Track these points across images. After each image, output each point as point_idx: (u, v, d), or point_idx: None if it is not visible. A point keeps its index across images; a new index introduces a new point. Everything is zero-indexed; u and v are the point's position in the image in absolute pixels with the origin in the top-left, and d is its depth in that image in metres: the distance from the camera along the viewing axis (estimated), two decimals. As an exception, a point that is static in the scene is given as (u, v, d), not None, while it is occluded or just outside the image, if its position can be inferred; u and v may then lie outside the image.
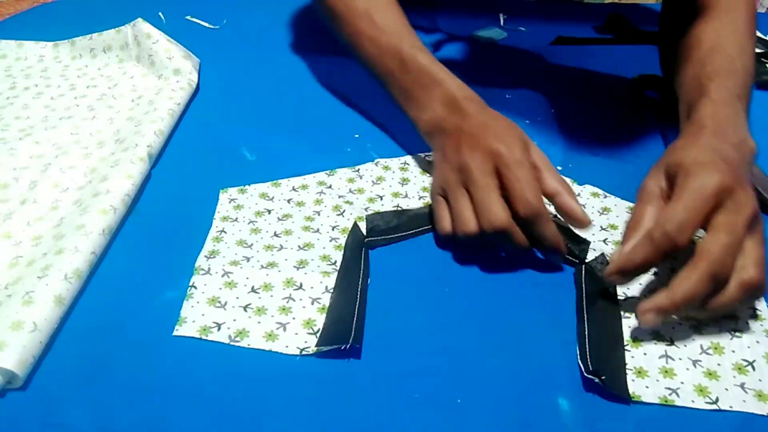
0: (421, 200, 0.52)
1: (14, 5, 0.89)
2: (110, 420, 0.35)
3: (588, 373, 0.37)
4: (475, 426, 0.35)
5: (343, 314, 0.41)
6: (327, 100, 0.66)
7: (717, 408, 0.36)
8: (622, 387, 0.37)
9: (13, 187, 0.51)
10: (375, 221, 0.49)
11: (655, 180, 0.43)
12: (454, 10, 0.87)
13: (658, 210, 0.42)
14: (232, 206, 0.51)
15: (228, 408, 0.36)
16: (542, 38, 0.77)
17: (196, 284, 0.43)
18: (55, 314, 0.39)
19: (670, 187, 0.42)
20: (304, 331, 0.40)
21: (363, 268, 0.44)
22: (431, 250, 0.47)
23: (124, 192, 0.49)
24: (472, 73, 0.71)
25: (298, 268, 0.45)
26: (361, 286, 0.43)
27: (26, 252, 0.44)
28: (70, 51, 0.72)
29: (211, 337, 0.40)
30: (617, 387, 0.37)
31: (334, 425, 0.35)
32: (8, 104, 0.63)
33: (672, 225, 0.38)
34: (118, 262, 0.45)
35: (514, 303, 0.43)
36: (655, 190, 0.42)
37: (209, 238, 0.47)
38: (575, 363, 0.39)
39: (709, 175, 0.39)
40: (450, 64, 0.73)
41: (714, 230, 0.38)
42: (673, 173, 0.41)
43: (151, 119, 0.58)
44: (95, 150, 0.56)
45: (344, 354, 0.39)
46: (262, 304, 0.42)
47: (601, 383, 0.36)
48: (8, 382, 0.36)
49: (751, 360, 0.39)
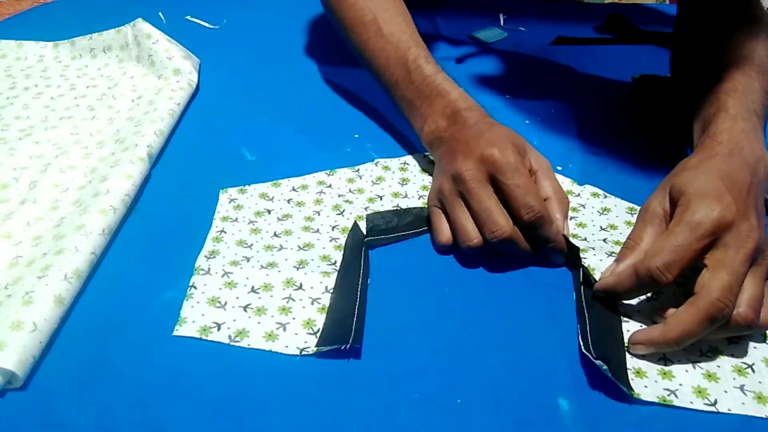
0: (420, 200, 0.52)
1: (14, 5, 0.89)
2: (110, 420, 0.35)
3: (596, 359, 0.37)
4: (475, 426, 0.35)
5: (343, 314, 0.41)
6: (327, 100, 0.66)
7: (716, 410, 0.36)
8: (625, 380, 0.37)
9: (13, 187, 0.51)
10: (375, 220, 0.49)
11: (658, 200, 0.42)
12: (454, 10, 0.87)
13: (657, 232, 0.41)
14: (232, 206, 0.51)
15: (227, 408, 0.36)
16: (542, 38, 0.77)
17: (196, 284, 0.43)
18: (55, 314, 0.39)
19: (673, 209, 0.41)
20: (304, 331, 0.40)
21: (363, 268, 0.44)
22: (431, 250, 0.47)
23: (124, 192, 0.49)
24: (472, 73, 0.72)
25: (298, 269, 0.45)
26: (361, 286, 0.43)
27: (26, 252, 0.44)
28: (70, 51, 0.72)
29: (211, 337, 0.40)
30: (621, 378, 0.37)
31: (334, 425, 0.35)
32: (8, 104, 0.63)
33: (658, 263, 0.38)
34: (118, 262, 0.45)
35: (514, 303, 0.43)
36: (658, 211, 0.42)
37: (209, 238, 0.47)
38: (575, 363, 0.38)
39: (708, 209, 0.38)
40: (450, 64, 0.73)
41: (714, 268, 0.37)
42: (676, 198, 0.41)
43: (151, 119, 0.58)
44: (95, 150, 0.56)
45: (344, 354, 0.39)
46: (262, 304, 0.42)
47: (607, 371, 0.36)
48: (8, 382, 0.36)
49: (750, 363, 0.39)
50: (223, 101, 0.66)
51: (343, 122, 0.62)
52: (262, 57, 0.75)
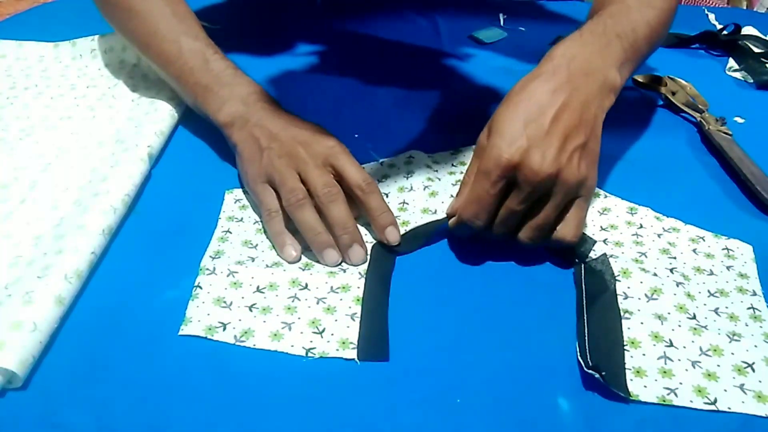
0: (426, 190, 0.52)
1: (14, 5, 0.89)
2: (110, 420, 0.35)
3: (588, 369, 0.37)
4: (475, 426, 0.35)
5: (376, 328, 0.41)
6: (326, 101, 0.66)
7: (715, 409, 0.36)
8: (621, 384, 0.37)
9: (13, 187, 0.51)
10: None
11: (484, 133, 0.45)
12: (454, 10, 0.86)
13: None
14: (237, 206, 0.51)
15: (227, 408, 0.36)
16: (542, 38, 0.77)
17: (202, 284, 0.43)
18: (55, 314, 0.39)
19: None
20: (309, 330, 0.40)
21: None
22: (431, 250, 0.47)
23: (124, 192, 0.49)
24: (472, 73, 0.71)
25: (303, 269, 0.45)
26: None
27: (26, 252, 0.44)
28: (71, 51, 0.72)
29: (216, 337, 0.40)
30: (616, 383, 0.37)
31: (334, 425, 0.35)
32: (8, 104, 0.63)
33: (467, 214, 0.43)
34: (118, 262, 0.45)
35: (514, 303, 0.43)
36: (482, 143, 0.44)
37: (214, 238, 0.47)
38: (575, 363, 0.39)
39: (497, 154, 0.41)
40: (450, 64, 0.73)
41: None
42: (488, 133, 0.43)
43: (152, 119, 0.58)
44: (95, 150, 0.56)
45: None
46: (268, 303, 0.42)
47: (600, 378, 0.36)
48: (8, 381, 0.36)
49: (750, 362, 0.38)
50: (223, 101, 0.66)
51: (344, 122, 0.62)
52: (262, 57, 0.75)
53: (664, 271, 0.45)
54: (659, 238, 0.48)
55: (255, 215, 0.50)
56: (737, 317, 0.41)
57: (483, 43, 0.78)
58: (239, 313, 0.41)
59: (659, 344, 0.39)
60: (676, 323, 0.41)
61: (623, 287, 0.43)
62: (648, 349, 0.39)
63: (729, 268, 0.45)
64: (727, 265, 0.46)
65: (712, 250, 0.47)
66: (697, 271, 0.45)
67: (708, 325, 0.41)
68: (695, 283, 0.44)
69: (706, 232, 0.48)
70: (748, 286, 0.44)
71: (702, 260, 0.46)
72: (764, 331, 0.41)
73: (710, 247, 0.47)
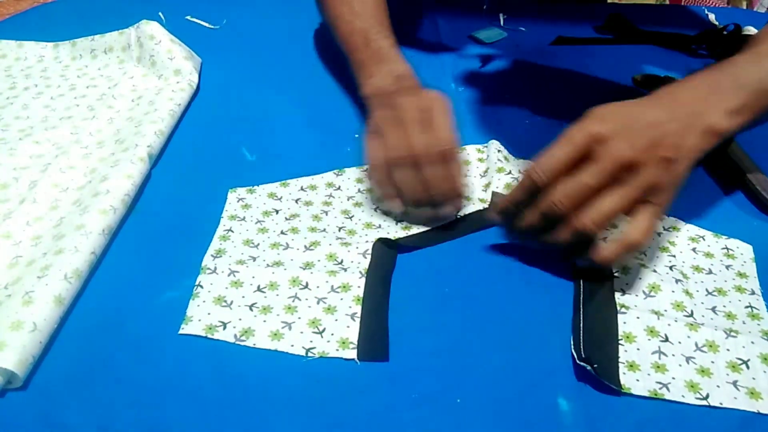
0: None
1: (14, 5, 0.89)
2: (110, 420, 0.35)
3: (580, 361, 0.37)
4: (475, 426, 0.35)
5: (375, 328, 0.41)
6: (327, 100, 0.66)
7: (707, 404, 0.36)
8: (613, 377, 0.37)
9: (13, 187, 0.51)
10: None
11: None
12: (454, 10, 0.86)
13: None
14: (240, 205, 0.51)
15: (231, 407, 0.36)
16: (542, 38, 0.77)
17: (203, 283, 0.43)
18: (55, 314, 0.39)
19: None
20: (309, 330, 0.40)
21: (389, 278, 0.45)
22: (431, 251, 0.47)
23: (124, 192, 0.49)
24: (472, 73, 0.71)
25: (304, 268, 0.45)
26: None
27: (26, 252, 0.44)
28: (71, 51, 0.72)
29: (217, 336, 0.40)
30: (609, 376, 0.37)
31: (334, 425, 0.35)
32: (8, 104, 0.63)
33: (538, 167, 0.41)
34: (118, 262, 0.45)
35: (513, 303, 0.43)
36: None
37: (216, 236, 0.47)
38: (576, 363, 0.39)
39: (583, 121, 0.41)
40: (450, 64, 0.73)
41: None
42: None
43: (152, 119, 0.58)
44: (95, 150, 0.56)
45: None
46: (268, 303, 0.42)
47: (592, 371, 0.36)
48: (8, 381, 0.36)
49: (746, 359, 0.39)
50: (223, 101, 0.66)
51: (343, 122, 0.62)
52: (262, 57, 0.75)
53: (663, 269, 0.45)
54: (659, 237, 0.48)
55: (257, 214, 0.50)
56: (735, 315, 0.41)
57: (483, 43, 0.78)
58: (240, 312, 0.41)
59: (654, 339, 0.39)
60: (673, 319, 0.41)
61: (621, 283, 0.43)
62: (643, 344, 0.39)
63: (728, 267, 0.46)
64: (726, 264, 0.46)
65: (712, 249, 0.47)
66: (696, 269, 0.45)
67: (705, 322, 0.41)
68: (694, 281, 0.44)
69: (706, 232, 0.48)
70: (746, 285, 0.44)
71: (701, 259, 0.46)
72: (761, 328, 0.41)
73: (710, 246, 0.47)
